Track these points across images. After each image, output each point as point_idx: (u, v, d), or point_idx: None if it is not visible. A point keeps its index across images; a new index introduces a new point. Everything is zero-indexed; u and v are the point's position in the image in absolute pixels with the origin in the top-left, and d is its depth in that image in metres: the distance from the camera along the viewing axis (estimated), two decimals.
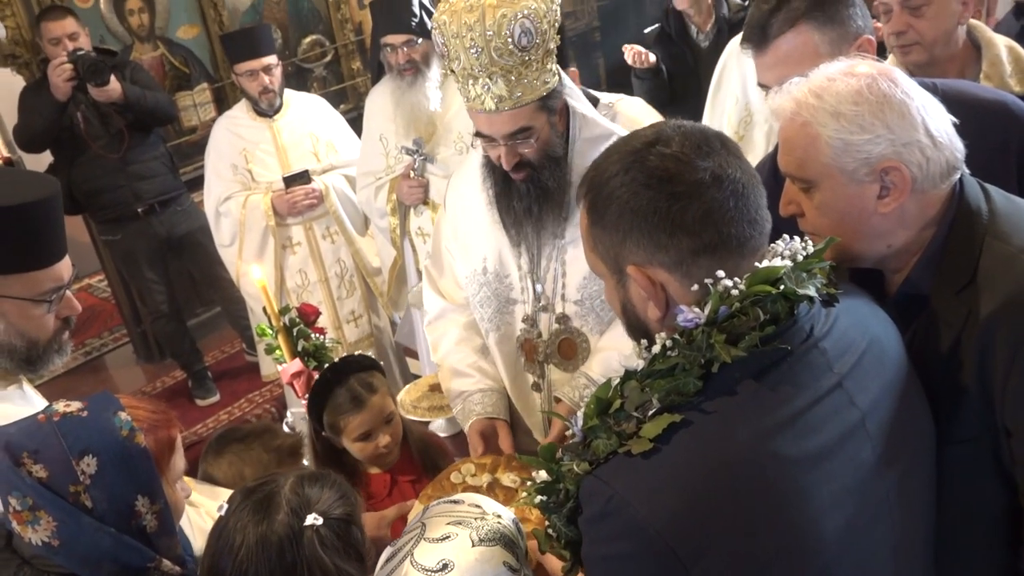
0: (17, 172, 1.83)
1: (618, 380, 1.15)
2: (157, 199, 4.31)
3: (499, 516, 1.30)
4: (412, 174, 3.40)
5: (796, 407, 1.09)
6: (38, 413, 1.38)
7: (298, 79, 5.44)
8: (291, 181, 3.69)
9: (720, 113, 3.17)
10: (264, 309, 2.40)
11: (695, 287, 1.12)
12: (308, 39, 5.55)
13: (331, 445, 2.15)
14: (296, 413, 3.99)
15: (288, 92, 3.86)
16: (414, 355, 4.19)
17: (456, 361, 2.21)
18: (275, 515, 1.37)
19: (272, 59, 3.69)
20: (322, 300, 3.86)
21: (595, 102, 2.90)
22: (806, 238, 1.20)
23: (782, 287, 1.11)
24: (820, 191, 1.31)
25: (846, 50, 1.76)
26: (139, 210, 4.29)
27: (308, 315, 2.50)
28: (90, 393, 1.45)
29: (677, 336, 1.11)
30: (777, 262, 1.13)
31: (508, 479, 1.88)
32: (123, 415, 1.37)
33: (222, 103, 5.09)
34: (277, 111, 3.77)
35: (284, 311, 2.41)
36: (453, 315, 2.26)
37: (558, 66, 1.92)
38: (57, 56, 3.95)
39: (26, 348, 1.66)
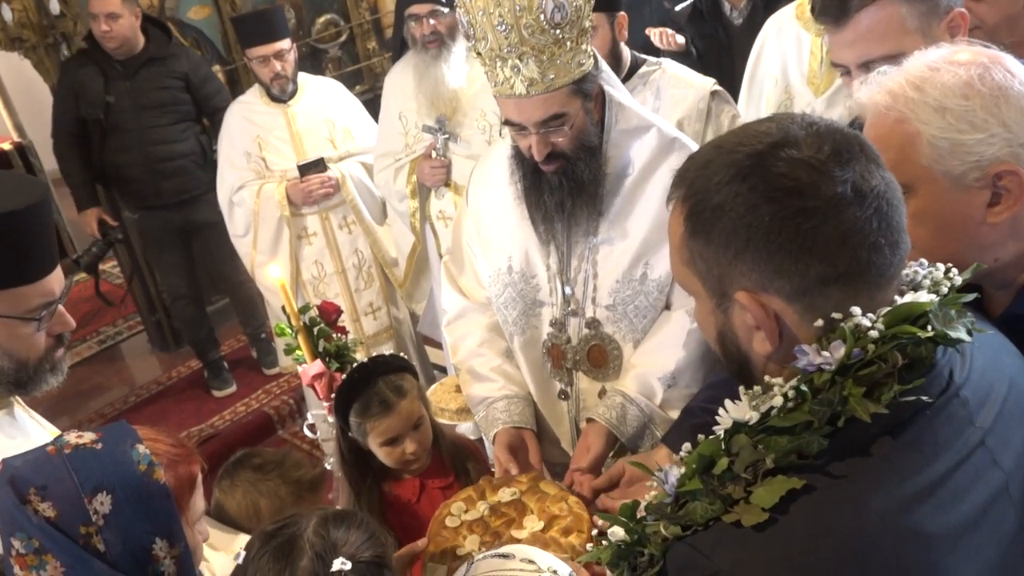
0: (1, 175, 1.66)
1: (723, 433, 0.97)
2: (180, 197, 4.28)
3: (555, 571, 1.17)
4: (434, 154, 3.26)
5: (937, 471, 0.92)
6: (47, 444, 1.25)
7: (312, 60, 5.31)
8: (306, 169, 3.56)
9: (757, 95, 3.02)
10: (283, 308, 2.28)
11: (819, 322, 0.94)
12: (322, 19, 5.40)
13: (357, 446, 2.04)
14: (317, 415, 3.90)
15: (303, 76, 3.72)
16: (436, 345, 4.08)
17: (479, 364, 2.09)
18: (298, 561, 1.25)
19: (285, 43, 3.54)
20: (339, 292, 3.75)
21: (641, 62, 2.77)
22: (949, 265, 1.02)
23: (931, 329, 0.93)
24: (917, 197, 1.14)
25: (936, 26, 1.58)
26: (160, 202, 4.27)
27: (329, 314, 2.38)
28: (106, 383, 1.33)
29: (802, 387, 0.93)
30: (923, 296, 0.95)
31: (507, 495, 1.77)
32: (141, 448, 1.25)
33: (235, 86, 4.95)
34: (291, 96, 3.64)
35: (304, 310, 2.30)
36: (474, 315, 2.14)
37: (594, 48, 1.78)
38: (98, 31, 3.94)
39: (14, 369, 1.52)
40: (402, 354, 2.08)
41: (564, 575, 1.18)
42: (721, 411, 0.97)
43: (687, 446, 1.00)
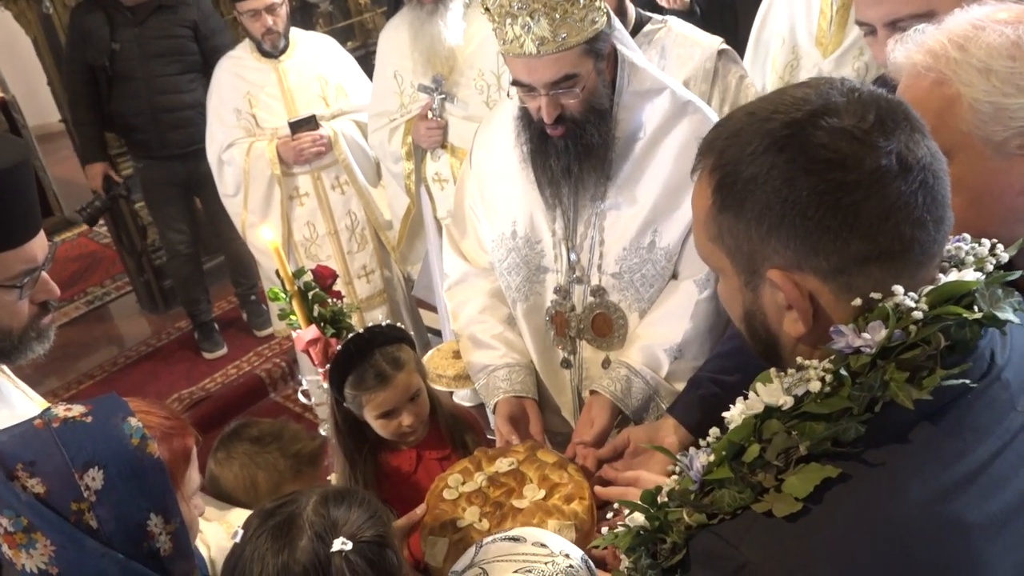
0: None
1: (753, 418, 0.91)
2: (185, 148, 4.19)
3: (567, 555, 1.13)
4: (430, 115, 3.16)
5: (979, 458, 0.87)
6: (35, 418, 1.19)
7: (303, 15, 5.16)
8: (297, 127, 3.46)
9: (764, 56, 2.93)
10: (277, 272, 2.22)
11: (857, 302, 0.88)
12: None
13: (353, 417, 2.00)
14: (312, 381, 3.85)
15: (295, 31, 3.61)
16: (431, 308, 4.02)
17: (480, 331, 2.04)
18: (297, 541, 1.20)
19: None
20: (331, 254, 3.68)
21: (646, 20, 2.69)
22: (995, 240, 0.95)
23: (978, 309, 0.87)
24: (954, 164, 1.06)
25: None
26: (165, 153, 4.20)
27: (324, 278, 2.32)
28: (94, 344, 1.26)
29: (841, 371, 0.87)
30: (968, 274, 0.89)
31: (504, 465, 1.74)
32: (133, 421, 1.19)
33: None
34: (283, 52, 3.54)
35: (298, 274, 2.24)
36: (476, 280, 2.09)
37: (607, 5, 1.70)
38: None
39: None
40: (399, 324, 2.03)
41: (576, 558, 1.14)
42: (751, 395, 0.92)
43: (715, 431, 0.96)
